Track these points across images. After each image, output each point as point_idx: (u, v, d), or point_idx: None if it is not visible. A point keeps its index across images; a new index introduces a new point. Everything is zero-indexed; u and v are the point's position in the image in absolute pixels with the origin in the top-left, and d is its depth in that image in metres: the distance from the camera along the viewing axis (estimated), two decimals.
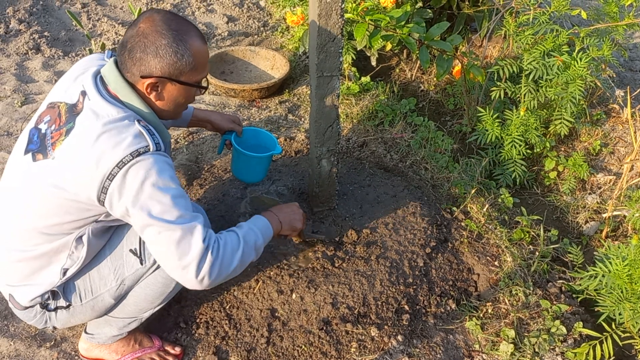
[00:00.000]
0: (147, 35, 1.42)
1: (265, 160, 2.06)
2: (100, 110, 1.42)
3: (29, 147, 1.50)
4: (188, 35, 1.45)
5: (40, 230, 1.48)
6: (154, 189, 1.37)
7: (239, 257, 1.50)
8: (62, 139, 1.42)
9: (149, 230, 1.40)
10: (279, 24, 4.08)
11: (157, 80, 1.45)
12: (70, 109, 1.46)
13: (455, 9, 3.30)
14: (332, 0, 1.68)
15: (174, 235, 1.39)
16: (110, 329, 1.75)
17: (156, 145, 1.41)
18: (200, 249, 1.40)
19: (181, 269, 1.41)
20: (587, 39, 2.57)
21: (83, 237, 1.51)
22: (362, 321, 1.91)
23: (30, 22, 3.89)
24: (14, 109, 3.06)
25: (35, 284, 1.55)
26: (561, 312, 2.00)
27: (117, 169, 1.35)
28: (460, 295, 2.09)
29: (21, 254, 1.52)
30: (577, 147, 2.93)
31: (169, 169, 1.42)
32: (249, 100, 3.27)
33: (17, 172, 1.52)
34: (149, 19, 1.43)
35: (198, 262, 1.40)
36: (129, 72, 1.46)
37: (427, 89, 3.48)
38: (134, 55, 1.43)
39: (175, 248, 1.39)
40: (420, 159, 2.69)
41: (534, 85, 2.61)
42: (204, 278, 1.42)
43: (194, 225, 1.41)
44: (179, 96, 1.52)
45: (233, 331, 1.90)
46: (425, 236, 2.19)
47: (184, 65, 1.45)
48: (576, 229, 2.60)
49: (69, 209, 1.44)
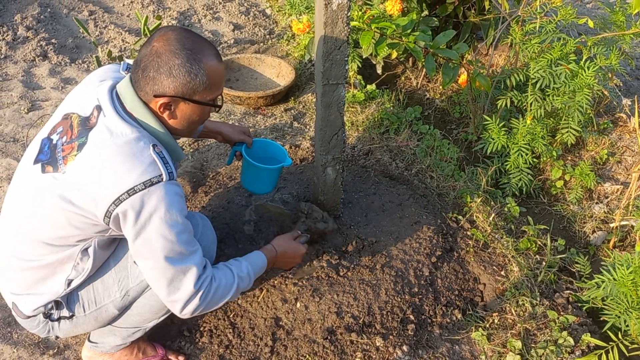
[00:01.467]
0: (161, 55, 1.40)
1: (276, 172, 2.05)
2: (115, 129, 1.41)
3: (39, 156, 1.49)
4: (202, 55, 1.43)
5: (46, 241, 1.48)
6: (161, 222, 1.39)
7: (224, 300, 1.57)
8: (74, 154, 1.42)
9: (145, 262, 1.44)
10: (285, 31, 4.09)
11: (170, 99, 1.44)
12: (83, 122, 1.46)
13: (461, 17, 3.30)
14: (338, 8, 1.68)
15: (167, 274, 1.44)
16: (114, 338, 1.74)
17: (169, 174, 1.41)
18: (189, 292, 1.47)
19: (167, 300, 1.49)
20: (594, 48, 2.56)
21: (89, 249, 1.51)
22: (367, 331, 1.90)
23: (37, 29, 3.91)
24: (21, 116, 3.07)
25: (39, 293, 1.55)
26: (568, 323, 1.97)
27: (127, 196, 1.35)
28: (466, 305, 2.07)
29: (26, 263, 1.52)
30: (584, 156, 2.91)
31: (178, 200, 1.43)
32: (254, 107, 3.27)
33: (26, 181, 1.51)
34: (163, 37, 1.42)
35: (184, 302, 1.48)
36: (142, 91, 1.45)
37: (433, 97, 3.48)
38: (147, 75, 1.42)
39: (166, 285, 1.45)
40: (426, 167, 2.67)
41: (540, 94, 2.60)
42: (185, 314, 1.51)
43: (189, 267, 1.46)
44: (193, 115, 1.51)
45: (237, 340, 1.89)
46: (430, 245, 2.17)
47: (197, 85, 1.44)
48: (583, 238, 2.58)
49: (75, 223, 1.44)
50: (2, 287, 1.61)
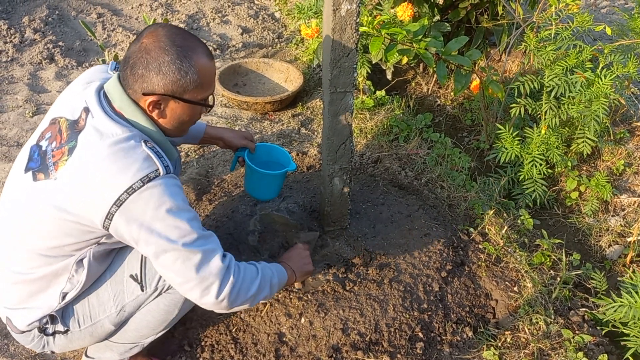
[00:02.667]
0: (150, 51, 1.36)
1: (279, 178, 2.00)
2: (104, 129, 1.36)
3: (29, 165, 1.44)
4: (193, 52, 1.38)
5: (39, 252, 1.42)
6: (170, 214, 1.33)
7: (257, 285, 1.47)
8: (64, 159, 1.37)
9: (167, 256, 1.35)
10: (294, 35, 4.03)
11: (160, 98, 1.39)
12: (71, 126, 1.41)
13: (474, 22, 3.22)
14: (347, 14, 1.61)
15: (194, 258, 1.36)
16: (111, 354, 1.69)
17: (166, 168, 1.36)
18: (221, 269, 1.38)
19: (202, 289, 1.38)
20: (611, 56, 2.48)
21: (84, 261, 1.45)
22: (373, 349, 1.83)
23: (45, 31, 3.89)
24: (25, 119, 3.04)
25: (33, 307, 1.49)
26: (584, 343, 1.89)
27: (127, 195, 1.30)
28: (477, 323, 1.99)
29: (19, 276, 1.47)
30: (600, 166, 2.82)
31: (179, 191, 1.38)
32: (261, 113, 3.21)
33: (17, 191, 1.46)
34: (152, 33, 1.37)
35: (220, 281, 1.38)
36: (130, 89, 1.40)
37: (444, 103, 3.40)
38: (136, 72, 1.37)
39: (195, 272, 1.36)
40: (436, 176, 2.60)
41: (555, 103, 2.52)
42: (224, 299, 1.40)
43: (213, 248, 1.39)
44: (183, 114, 1.46)
45: (239, 356, 1.83)
46: (440, 259, 2.10)
47: (188, 83, 1.39)
48: (599, 252, 2.49)
49: (70, 231, 1.38)
50: None
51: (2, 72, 3.43)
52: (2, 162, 2.73)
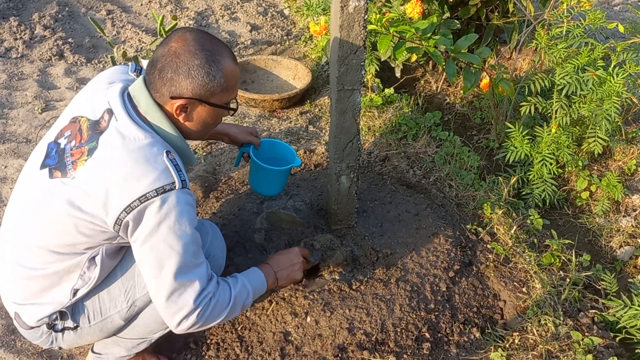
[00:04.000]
0: (180, 55, 1.37)
1: (284, 173, 1.99)
2: (127, 133, 1.36)
3: (46, 161, 1.44)
4: (221, 56, 1.40)
5: (52, 249, 1.42)
6: (170, 231, 1.34)
7: (221, 318, 1.50)
8: (84, 159, 1.37)
9: (148, 270, 1.39)
10: (303, 32, 4.02)
11: (187, 101, 1.41)
12: (93, 126, 1.41)
13: (484, 19, 3.19)
14: (355, 11, 1.60)
15: (168, 286, 1.39)
16: (119, 350, 1.69)
17: (182, 182, 1.36)
18: (188, 308, 1.41)
19: (164, 313, 1.43)
20: (623, 54, 2.44)
21: (96, 258, 1.46)
22: (379, 349, 1.81)
23: (55, 28, 3.90)
24: (34, 116, 3.05)
25: (43, 303, 1.49)
26: (593, 345, 1.86)
27: (138, 203, 1.31)
28: (485, 323, 1.97)
29: (31, 272, 1.47)
30: (611, 166, 2.79)
31: (189, 210, 1.38)
32: (269, 110, 3.21)
33: (32, 186, 1.46)
34: (181, 37, 1.39)
35: (182, 317, 1.42)
36: (157, 92, 1.41)
37: (453, 101, 3.38)
38: (164, 75, 1.38)
39: (165, 297, 1.40)
40: (445, 175, 2.58)
41: (566, 101, 2.48)
42: (180, 330, 1.45)
43: (192, 281, 1.40)
44: (208, 117, 1.47)
45: (244, 354, 1.82)
46: (448, 259, 2.08)
47: (215, 87, 1.41)
48: (609, 253, 2.46)
49: (84, 230, 1.39)
50: (5, 296, 1.56)
51: (12, 68, 3.44)
52: (12, 157, 2.74)
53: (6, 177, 2.63)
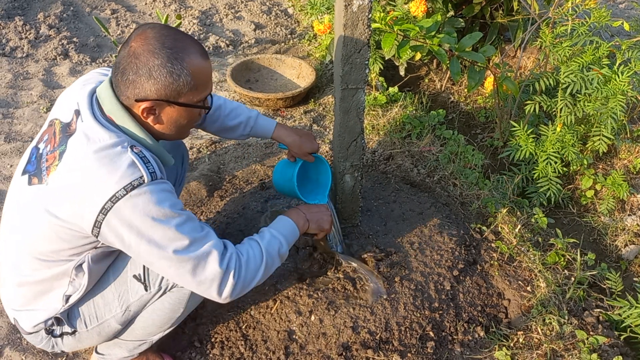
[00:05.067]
0: (139, 56, 1.30)
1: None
2: (92, 134, 1.32)
3: (27, 167, 1.43)
4: (185, 53, 1.32)
5: (37, 256, 1.41)
6: (157, 222, 1.29)
7: (262, 272, 1.46)
8: (55, 164, 1.34)
9: (160, 263, 1.34)
10: (307, 31, 4.02)
11: (154, 103, 1.34)
12: (64, 129, 1.38)
13: (489, 18, 3.18)
14: (359, 9, 1.60)
15: (187, 265, 1.34)
16: (121, 351, 1.69)
17: (151, 174, 1.31)
18: (218, 273, 1.36)
19: (201, 290, 1.40)
20: (629, 52, 2.43)
21: (83, 265, 1.42)
22: (383, 347, 1.81)
23: (60, 27, 3.91)
24: (39, 115, 3.06)
25: (37, 309, 1.49)
26: (598, 344, 1.86)
27: (111, 204, 1.26)
28: (489, 322, 1.97)
29: (24, 278, 1.46)
30: (617, 164, 2.77)
31: (168, 197, 1.33)
32: (273, 109, 3.21)
33: (15, 193, 1.46)
34: (140, 36, 1.32)
35: (219, 284, 1.38)
36: (123, 95, 1.36)
37: (458, 100, 3.37)
38: (126, 78, 1.32)
39: (191, 276, 1.35)
40: (449, 174, 2.58)
41: (571, 100, 2.47)
42: (226, 297, 1.41)
43: (207, 250, 1.36)
44: (180, 118, 1.41)
45: (249, 353, 1.82)
46: (452, 257, 2.08)
47: (181, 86, 1.33)
48: (614, 252, 2.45)
49: (64, 236, 1.35)
50: (4, 302, 1.56)
51: (18, 67, 3.46)
52: (17, 157, 2.76)
53: (12, 176, 2.64)
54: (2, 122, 2.97)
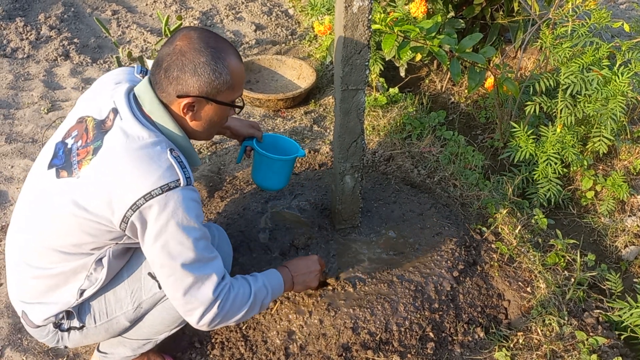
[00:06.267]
0: (185, 53, 1.37)
1: (289, 163, 1.94)
2: (131, 132, 1.37)
3: (53, 161, 1.45)
4: (226, 53, 1.40)
5: (58, 249, 1.43)
6: (178, 228, 1.34)
7: (243, 312, 1.49)
8: (89, 158, 1.37)
9: (162, 270, 1.38)
10: (307, 32, 4.02)
11: (194, 99, 1.41)
12: (98, 125, 1.42)
13: (489, 19, 3.19)
14: (359, 11, 1.60)
15: (185, 282, 1.38)
16: (124, 350, 1.69)
17: (187, 179, 1.36)
18: (208, 299, 1.40)
19: (184, 310, 1.43)
20: (629, 53, 2.43)
21: (103, 259, 1.46)
22: (383, 348, 1.82)
23: (60, 28, 3.92)
24: (40, 116, 3.06)
25: (50, 302, 1.50)
26: (598, 345, 1.86)
27: (143, 201, 1.31)
28: (489, 323, 1.97)
29: (38, 271, 1.47)
30: (617, 165, 2.78)
31: (195, 207, 1.38)
32: (274, 110, 3.21)
33: (39, 186, 1.47)
34: (186, 36, 1.39)
35: (203, 310, 1.41)
36: (164, 92, 1.41)
37: (458, 101, 3.37)
38: (170, 74, 1.39)
39: (182, 293, 1.39)
40: (449, 175, 2.58)
41: (571, 101, 2.48)
42: (202, 325, 1.44)
43: (209, 274, 1.40)
44: (215, 116, 1.48)
45: (249, 353, 1.83)
46: (452, 258, 2.08)
47: (221, 84, 1.41)
48: (614, 253, 2.45)
49: (89, 230, 1.39)
50: (13, 295, 1.58)
51: (18, 68, 3.46)
52: (18, 158, 2.76)
53: (13, 177, 2.64)
54: (3, 123, 2.97)
